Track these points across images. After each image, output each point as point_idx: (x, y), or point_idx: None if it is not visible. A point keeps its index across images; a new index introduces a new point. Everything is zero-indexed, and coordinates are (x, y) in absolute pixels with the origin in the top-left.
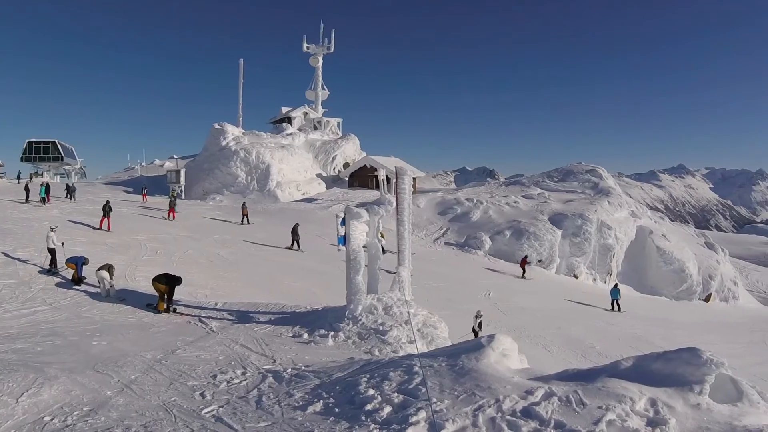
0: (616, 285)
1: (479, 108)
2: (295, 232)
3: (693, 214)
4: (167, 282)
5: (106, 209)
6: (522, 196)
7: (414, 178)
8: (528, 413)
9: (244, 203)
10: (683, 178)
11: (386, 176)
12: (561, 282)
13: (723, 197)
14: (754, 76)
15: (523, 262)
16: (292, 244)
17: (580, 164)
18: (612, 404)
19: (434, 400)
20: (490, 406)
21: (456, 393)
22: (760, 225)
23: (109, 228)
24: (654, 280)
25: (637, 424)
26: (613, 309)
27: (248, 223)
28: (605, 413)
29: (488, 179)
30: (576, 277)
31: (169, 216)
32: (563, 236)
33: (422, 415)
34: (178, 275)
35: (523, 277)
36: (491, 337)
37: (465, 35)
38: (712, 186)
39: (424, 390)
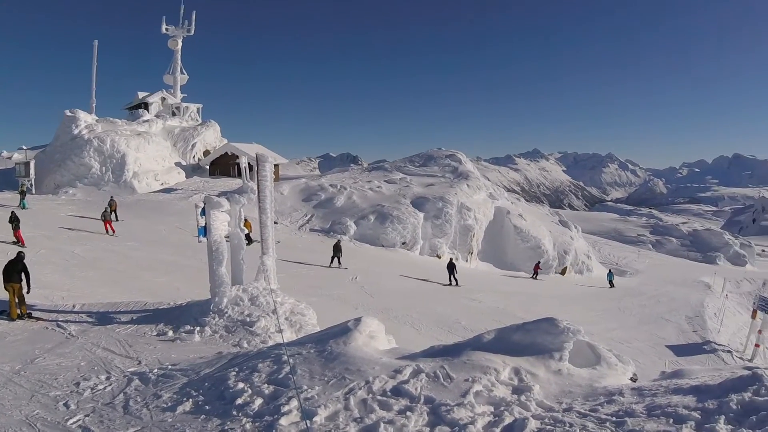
0: (610, 271)
1: (343, 95)
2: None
3: (547, 195)
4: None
5: (14, 221)
6: (385, 181)
7: (277, 165)
8: (398, 392)
9: (111, 198)
10: (538, 161)
11: (248, 164)
12: (425, 262)
13: (575, 179)
14: (604, 65)
15: (536, 267)
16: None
17: (440, 150)
18: (478, 376)
19: (305, 387)
20: (360, 388)
21: (326, 378)
22: (610, 204)
23: (22, 242)
24: (513, 256)
25: (503, 393)
26: (611, 286)
27: (117, 219)
28: (472, 385)
29: (352, 165)
30: (439, 257)
31: (107, 230)
32: (425, 219)
33: (294, 404)
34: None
35: (533, 278)
36: (357, 320)
37: (326, 22)
38: (565, 169)
39: (294, 378)
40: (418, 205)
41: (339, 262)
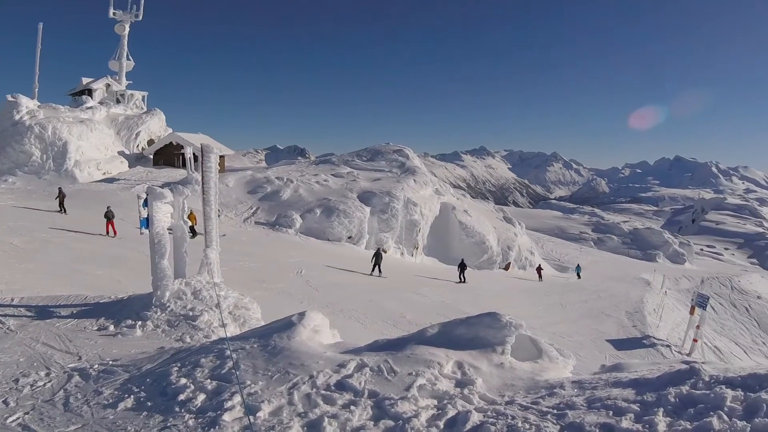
0: (578, 265)
1: (292, 86)
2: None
3: (493, 192)
4: None
5: None
6: (332, 174)
7: (222, 156)
8: (342, 386)
9: (60, 189)
10: (484, 159)
11: (193, 154)
12: (371, 257)
13: (520, 177)
14: (549, 65)
15: (539, 269)
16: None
17: (388, 144)
18: (421, 370)
19: (248, 382)
20: (304, 383)
21: (270, 373)
22: (553, 201)
23: None
24: (457, 251)
25: (446, 386)
26: (578, 278)
27: (65, 212)
28: (416, 379)
29: (299, 158)
30: (385, 251)
31: (108, 231)
32: (372, 213)
33: (237, 399)
34: None
35: (540, 279)
36: (302, 314)
37: (274, 11)
38: (511, 166)
39: (238, 374)
40: (365, 199)
41: (380, 270)
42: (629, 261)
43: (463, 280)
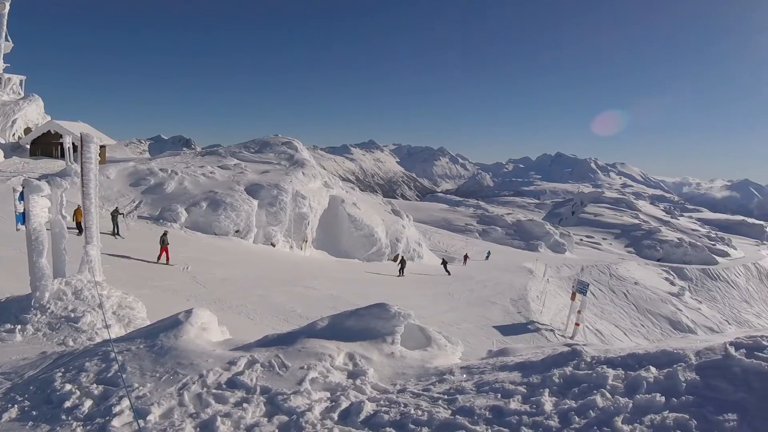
0: (489, 251)
1: (177, 72)
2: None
3: (381, 185)
4: None
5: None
6: (218, 166)
7: (103, 146)
8: (233, 384)
9: None
10: (373, 152)
11: (72, 144)
12: (260, 251)
13: (408, 170)
14: (436, 60)
15: (465, 257)
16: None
17: (276, 136)
18: (313, 363)
19: (136, 385)
20: (194, 383)
21: (158, 374)
22: (440, 195)
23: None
24: (347, 244)
25: (338, 378)
26: (486, 259)
27: None
28: (308, 372)
29: (184, 149)
30: (273, 245)
31: (161, 258)
32: (260, 206)
33: (125, 403)
34: None
35: (464, 264)
36: (188, 312)
37: None
38: (399, 160)
39: (124, 377)
40: (253, 192)
41: (402, 272)
42: (513, 251)
43: (448, 273)
